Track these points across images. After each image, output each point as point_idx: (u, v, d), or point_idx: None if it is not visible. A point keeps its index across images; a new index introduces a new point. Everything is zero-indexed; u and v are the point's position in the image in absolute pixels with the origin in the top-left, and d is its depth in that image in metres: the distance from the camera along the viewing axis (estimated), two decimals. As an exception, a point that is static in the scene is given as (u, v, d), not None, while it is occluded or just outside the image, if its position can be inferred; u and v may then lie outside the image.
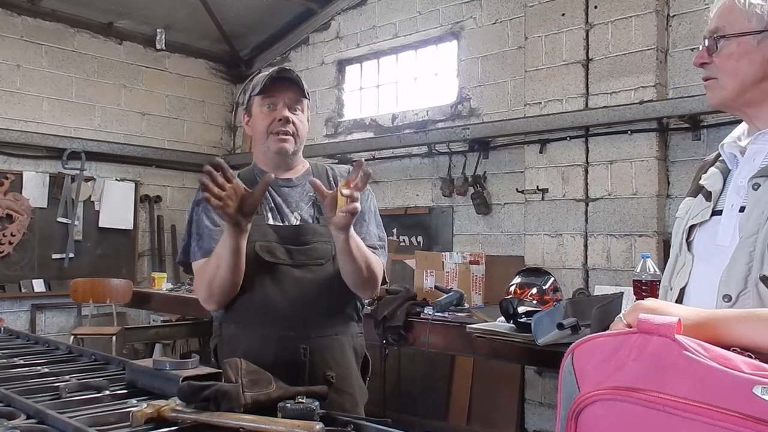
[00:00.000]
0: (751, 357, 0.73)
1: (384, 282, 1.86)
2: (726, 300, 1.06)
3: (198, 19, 6.08)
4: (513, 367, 4.35)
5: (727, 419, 0.66)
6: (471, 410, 4.58)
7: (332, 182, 1.83)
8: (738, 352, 0.74)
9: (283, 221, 1.77)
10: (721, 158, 1.25)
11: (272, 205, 1.79)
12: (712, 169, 1.24)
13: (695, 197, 1.26)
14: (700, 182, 1.25)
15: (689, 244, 1.21)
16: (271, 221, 1.76)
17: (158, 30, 6.22)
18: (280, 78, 1.78)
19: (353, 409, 1.69)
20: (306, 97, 1.83)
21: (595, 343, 0.80)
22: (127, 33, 6.17)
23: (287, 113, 1.78)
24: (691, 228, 1.21)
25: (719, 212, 1.17)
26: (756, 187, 1.10)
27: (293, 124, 1.79)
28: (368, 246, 1.72)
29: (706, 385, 0.69)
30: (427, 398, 4.69)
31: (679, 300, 1.17)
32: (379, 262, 1.75)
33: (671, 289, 1.21)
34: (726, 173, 1.21)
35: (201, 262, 1.72)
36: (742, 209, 1.11)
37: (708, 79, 1.19)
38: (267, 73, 1.80)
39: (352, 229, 1.59)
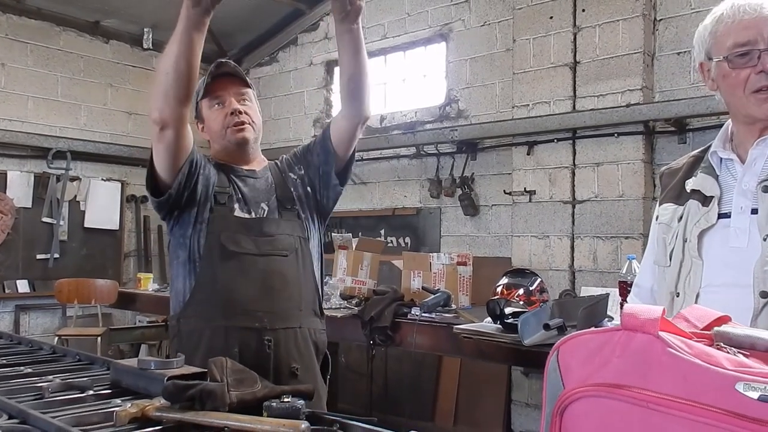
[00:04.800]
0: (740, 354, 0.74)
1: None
2: (763, 296, 1.09)
3: (186, 19, 6.05)
4: (500, 367, 4.36)
5: (710, 415, 0.66)
6: (458, 411, 4.59)
7: (284, 175, 1.86)
8: (722, 348, 0.75)
9: (250, 212, 1.78)
10: (704, 163, 1.27)
11: (239, 196, 1.79)
12: (702, 174, 1.26)
13: (679, 204, 1.27)
14: (691, 188, 1.26)
15: (696, 249, 1.23)
16: (237, 212, 1.77)
17: (145, 29, 6.17)
18: (220, 74, 1.80)
19: (317, 403, 1.65)
20: (250, 87, 1.85)
21: (580, 341, 0.80)
22: (114, 32, 6.13)
23: (237, 105, 1.80)
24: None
25: (724, 215, 1.19)
26: (766, 189, 1.14)
27: (246, 113, 1.81)
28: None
29: (689, 382, 0.69)
30: (413, 399, 4.69)
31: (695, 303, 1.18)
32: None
33: (678, 295, 1.22)
34: (716, 178, 1.24)
35: None
36: (753, 211, 1.15)
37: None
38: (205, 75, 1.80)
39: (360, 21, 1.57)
